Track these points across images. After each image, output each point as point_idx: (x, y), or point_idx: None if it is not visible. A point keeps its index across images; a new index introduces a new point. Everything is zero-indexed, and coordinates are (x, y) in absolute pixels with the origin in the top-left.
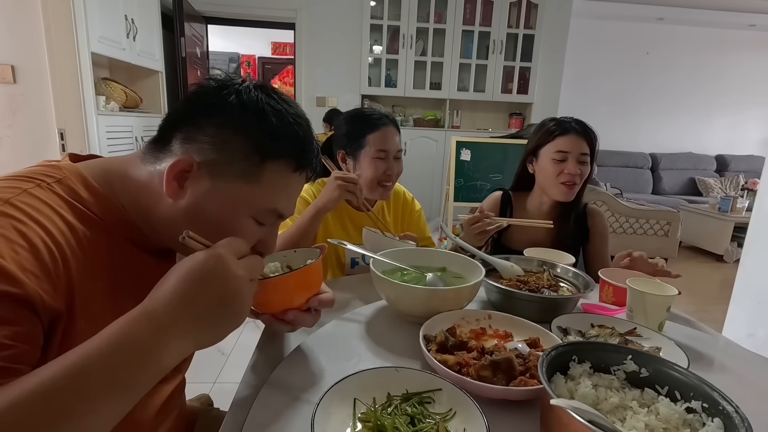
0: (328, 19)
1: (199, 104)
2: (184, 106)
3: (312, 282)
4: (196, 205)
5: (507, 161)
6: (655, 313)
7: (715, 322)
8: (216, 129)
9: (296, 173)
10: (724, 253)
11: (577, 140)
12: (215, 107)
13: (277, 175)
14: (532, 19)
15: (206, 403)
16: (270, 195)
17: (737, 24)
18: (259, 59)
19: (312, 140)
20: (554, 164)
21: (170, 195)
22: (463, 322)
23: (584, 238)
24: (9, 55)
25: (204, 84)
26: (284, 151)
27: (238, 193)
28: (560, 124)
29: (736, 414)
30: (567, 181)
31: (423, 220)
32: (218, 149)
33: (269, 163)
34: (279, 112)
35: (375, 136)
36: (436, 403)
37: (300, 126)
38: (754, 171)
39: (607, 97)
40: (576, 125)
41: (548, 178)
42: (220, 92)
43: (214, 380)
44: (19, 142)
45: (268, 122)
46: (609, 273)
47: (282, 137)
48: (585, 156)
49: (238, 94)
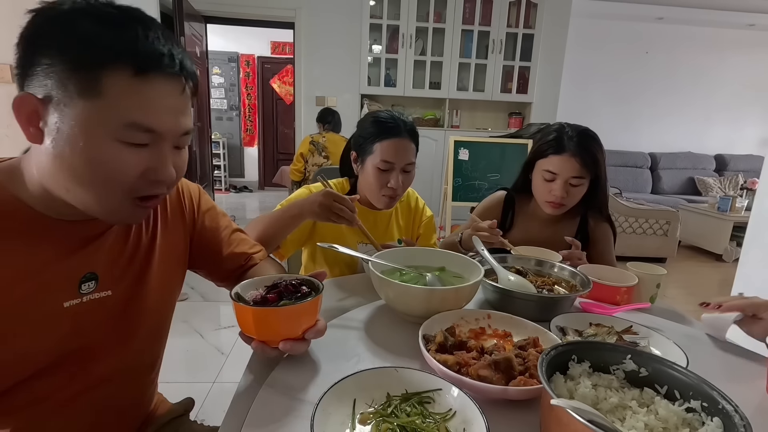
0: (327, 18)
1: (24, 39)
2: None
3: (312, 315)
4: (56, 145)
5: (505, 161)
6: (647, 288)
7: None
8: (40, 58)
9: (140, 77)
10: (723, 253)
11: (569, 162)
12: (36, 35)
13: (117, 84)
14: (531, 19)
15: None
16: (121, 108)
17: (736, 23)
18: (258, 58)
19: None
20: (543, 182)
21: (31, 140)
22: (462, 321)
23: (585, 243)
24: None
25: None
26: (111, 55)
27: (83, 115)
28: (558, 139)
29: (736, 413)
30: (552, 201)
31: (432, 226)
32: (47, 76)
33: (102, 74)
34: (95, 17)
35: (383, 145)
36: (435, 403)
37: (128, 26)
38: (754, 170)
39: (607, 96)
40: (574, 144)
41: (537, 193)
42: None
43: (214, 380)
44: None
45: (82, 30)
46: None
47: (102, 41)
48: (577, 179)
49: (50, 11)
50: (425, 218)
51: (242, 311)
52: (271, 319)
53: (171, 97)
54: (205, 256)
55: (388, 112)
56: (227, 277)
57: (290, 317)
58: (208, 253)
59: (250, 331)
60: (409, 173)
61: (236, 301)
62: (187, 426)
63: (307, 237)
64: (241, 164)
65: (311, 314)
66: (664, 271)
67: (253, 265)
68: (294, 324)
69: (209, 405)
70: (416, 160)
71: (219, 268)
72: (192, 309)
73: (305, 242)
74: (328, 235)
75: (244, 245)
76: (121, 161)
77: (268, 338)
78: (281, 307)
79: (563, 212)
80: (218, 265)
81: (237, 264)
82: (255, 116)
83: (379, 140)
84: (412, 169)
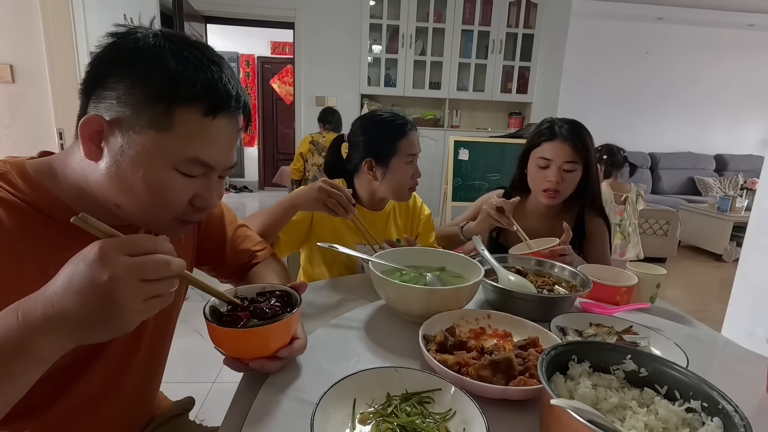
0: (327, 18)
1: (101, 61)
2: (90, 69)
3: (284, 334)
4: (115, 164)
5: (505, 161)
6: (647, 288)
7: (714, 321)
8: (117, 82)
9: (209, 118)
10: (723, 253)
11: (561, 147)
12: (114, 60)
13: (189, 122)
14: (531, 19)
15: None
16: (185, 143)
17: (736, 23)
18: (258, 58)
19: (227, 82)
20: (538, 170)
21: (90, 157)
22: (462, 321)
23: (582, 239)
24: (8, 54)
25: (105, 41)
26: (189, 95)
27: (151, 145)
28: (551, 128)
29: (736, 413)
30: (548, 188)
31: (431, 225)
32: (123, 103)
33: (177, 110)
34: (179, 55)
35: (405, 141)
36: (435, 403)
37: (206, 68)
38: (753, 170)
39: (607, 96)
40: (565, 130)
41: (532, 183)
42: (118, 45)
43: (214, 380)
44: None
45: (167, 66)
46: (592, 270)
47: (184, 81)
48: (570, 164)
49: (134, 43)
50: (423, 216)
51: (213, 330)
52: (240, 339)
53: (231, 135)
54: (211, 252)
55: (387, 111)
56: (231, 274)
57: (260, 338)
58: (213, 249)
59: (222, 348)
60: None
61: (208, 318)
62: (187, 425)
63: (305, 238)
64: (241, 164)
65: (283, 334)
66: (664, 271)
67: (256, 263)
68: (263, 344)
69: (209, 405)
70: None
71: (223, 264)
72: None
73: (302, 244)
74: (327, 236)
75: (249, 242)
76: (175, 189)
77: (238, 356)
78: (249, 328)
79: (559, 202)
80: (223, 261)
81: (241, 261)
82: (255, 116)
83: (400, 139)
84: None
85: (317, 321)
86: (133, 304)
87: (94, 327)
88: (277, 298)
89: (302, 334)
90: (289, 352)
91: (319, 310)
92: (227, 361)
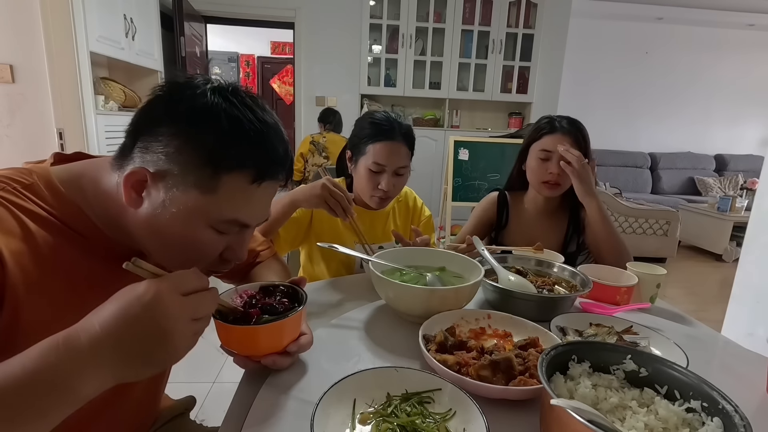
0: (327, 18)
1: (154, 112)
2: (141, 114)
3: (295, 329)
4: (153, 215)
5: (505, 161)
6: (647, 288)
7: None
8: (168, 139)
9: (255, 185)
10: (723, 253)
11: (563, 139)
12: (168, 115)
13: (234, 187)
14: (531, 19)
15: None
16: (228, 206)
17: (736, 23)
18: (258, 58)
19: (279, 149)
20: (539, 163)
21: (129, 204)
22: (462, 321)
23: (581, 230)
24: (8, 54)
25: (160, 89)
26: (239, 161)
27: (193, 204)
28: (551, 122)
29: (736, 413)
30: (549, 180)
31: (431, 226)
32: (171, 160)
33: (224, 174)
34: (235, 119)
35: (376, 147)
36: (435, 403)
37: (261, 134)
38: (753, 170)
39: (607, 96)
40: (565, 124)
41: (533, 176)
42: (173, 98)
43: (214, 380)
44: (19, 141)
45: (220, 130)
46: (592, 270)
47: (236, 147)
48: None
49: (190, 100)
50: (424, 218)
51: (224, 329)
52: (253, 336)
53: (272, 195)
54: None
55: (386, 113)
56: (234, 273)
57: (273, 333)
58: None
59: (232, 347)
60: (401, 176)
61: (217, 318)
62: (188, 425)
63: (304, 236)
64: None
65: (295, 328)
66: (664, 271)
67: (258, 263)
68: (276, 339)
69: (209, 405)
70: (415, 161)
71: None
72: None
73: (302, 241)
74: (326, 236)
75: (253, 242)
76: (209, 245)
77: (250, 354)
78: (263, 325)
79: (559, 194)
80: None
81: (245, 261)
82: None
83: (372, 142)
84: (405, 172)
85: (317, 321)
86: (186, 341)
87: (141, 364)
88: (282, 294)
89: (308, 329)
90: (298, 347)
91: (319, 310)
92: (238, 359)
